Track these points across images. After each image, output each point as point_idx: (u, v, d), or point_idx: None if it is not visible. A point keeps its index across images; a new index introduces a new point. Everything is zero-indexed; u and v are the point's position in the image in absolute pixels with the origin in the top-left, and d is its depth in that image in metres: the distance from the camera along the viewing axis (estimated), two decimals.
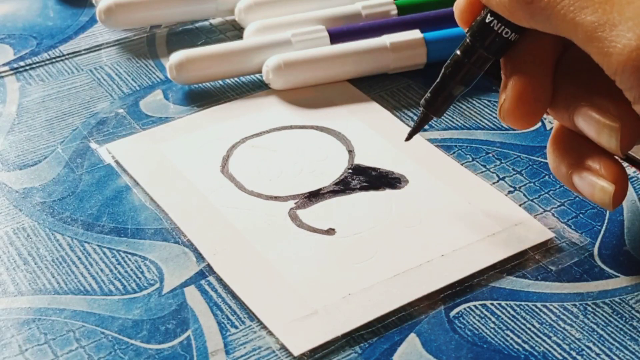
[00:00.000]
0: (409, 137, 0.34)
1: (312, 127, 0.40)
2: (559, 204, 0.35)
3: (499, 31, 0.30)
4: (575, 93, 0.30)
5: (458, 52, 0.32)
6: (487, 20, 0.30)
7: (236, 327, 0.30)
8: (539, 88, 0.30)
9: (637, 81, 0.26)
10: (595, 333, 0.30)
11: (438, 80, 0.32)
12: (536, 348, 0.29)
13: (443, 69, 0.32)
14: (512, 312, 0.31)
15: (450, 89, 0.32)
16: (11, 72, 0.44)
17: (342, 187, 0.36)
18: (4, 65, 0.45)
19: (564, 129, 0.31)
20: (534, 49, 0.30)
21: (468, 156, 0.38)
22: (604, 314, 0.30)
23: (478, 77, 0.32)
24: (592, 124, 0.29)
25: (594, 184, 0.30)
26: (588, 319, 0.30)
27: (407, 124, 0.40)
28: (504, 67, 0.31)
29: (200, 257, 0.33)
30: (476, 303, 0.31)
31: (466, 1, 0.31)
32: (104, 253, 0.33)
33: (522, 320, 0.30)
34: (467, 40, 0.31)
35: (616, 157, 0.30)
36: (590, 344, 0.29)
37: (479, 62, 0.31)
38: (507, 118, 0.31)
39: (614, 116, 0.29)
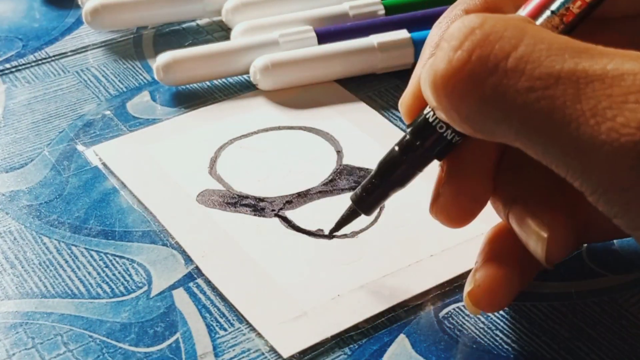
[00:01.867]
0: (332, 232, 0.32)
1: (300, 128, 0.39)
2: None
3: (443, 133, 0.27)
4: (512, 193, 0.28)
5: (396, 148, 0.29)
6: (430, 120, 0.27)
7: (225, 330, 0.30)
8: (478, 188, 0.28)
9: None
10: (585, 332, 0.30)
11: (371, 176, 0.29)
12: (525, 348, 0.29)
13: (377, 165, 0.29)
14: (501, 312, 0.31)
15: (384, 188, 0.29)
16: None
17: (331, 187, 0.36)
18: None
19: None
20: (476, 149, 0.28)
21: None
22: (593, 313, 0.30)
23: (415, 177, 0.29)
24: (522, 228, 0.27)
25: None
26: (577, 318, 0.30)
27: (395, 124, 0.40)
28: (442, 163, 0.28)
29: (188, 259, 0.33)
30: None
31: (411, 94, 0.28)
32: (92, 256, 0.33)
33: (512, 320, 0.30)
34: (407, 136, 0.28)
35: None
36: (580, 344, 0.29)
37: (418, 162, 0.28)
38: (439, 215, 0.29)
39: (544, 225, 0.27)
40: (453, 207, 0.28)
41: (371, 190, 0.30)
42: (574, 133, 0.22)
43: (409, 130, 0.28)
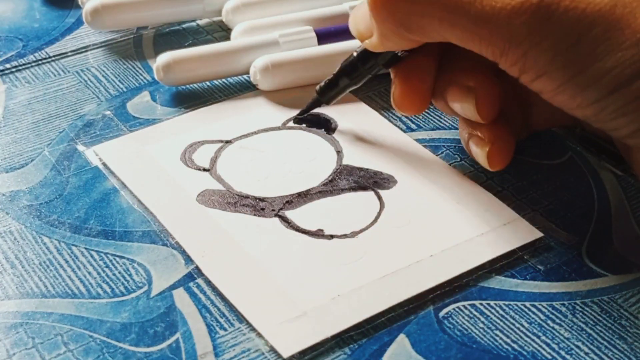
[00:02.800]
0: (298, 116, 0.40)
1: (300, 128, 0.39)
2: (547, 203, 0.35)
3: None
4: (445, 80, 0.35)
5: (354, 54, 0.37)
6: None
7: (225, 330, 0.30)
8: (422, 80, 0.35)
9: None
10: (584, 332, 0.30)
11: (334, 74, 0.38)
12: (525, 347, 0.29)
13: (340, 65, 0.37)
14: (501, 311, 0.31)
15: (342, 84, 0.38)
16: None
17: (331, 187, 0.36)
18: None
19: None
20: (418, 59, 0.35)
21: (456, 156, 0.38)
22: (593, 313, 0.30)
23: (366, 79, 0.37)
24: (455, 102, 0.35)
25: (477, 143, 0.35)
26: (577, 318, 0.30)
27: (395, 124, 0.40)
28: (392, 69, 0.36)
29: (188, 259, 0.33)
30: (465, 303, 0.31)
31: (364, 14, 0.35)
32: (92, 256, 0.33)
33: (511, 320, 0.30)
34: (364, 49, 0.36)
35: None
36: (579, 343, 0.29)
37: (371, 69, 0.37)
38: (398, 106, 0.36)
39: (470, 87, 0.34)
40: (407, 94, 0.35)
41: (332, 85, 0.38)
42: (479, 7, 0.30)
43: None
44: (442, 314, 0.31)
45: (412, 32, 0.32)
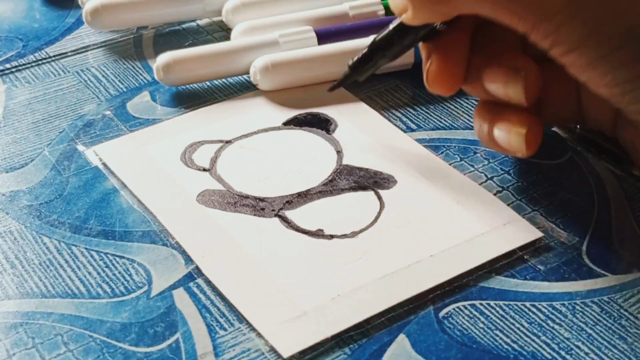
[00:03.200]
0: (333, 88, 0.38)
1: (300, 128, 0.39)
2: (547, 203, 0.35)
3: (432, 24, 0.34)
4: (482, 63, 0.34)
5: (391, 28, 0.35)
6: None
7: (225, 330, 0.30)
8: (458, 57, 0.34)
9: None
10: (584, 332, 0.30)
11: (368, 48, 0.36)
12: (525, 348, 0.29)
13: (374, 39, 0.35)
14: (501, 311, 0.31)
15: (376, 59, 0.36)
16: None
17: (331, 187, 0.36)
18: None
19: (485, 102, 0.35)
20: (452, 34, 0.34)
21: (456, 156, 0.38)
22: (593, 313, 0.30)
23: (402, 54, 0.36)
24: (497, 82, 0.33)
25: (508, 129, 0.33)
26: (577, 318, 0.30)
27: (395, 124, 0.40)
28: (424, 45, 0.35)
29: (188, 259, 0.33)
30: (465, 303, 0.31)
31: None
32: (92, 256, 0.33)
33: (511, 320, 0.30)
34: (402, 23, 0.34)
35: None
36: (579, 343, 0.29)
37: (408, 44, 0.35)
38: (433, 83, 0.34)
39: (517, 68, 0.32)
40: (440, 75, 0.34)
41: (366, 60, 0.36)
42: None
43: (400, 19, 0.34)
44: (442, 314, 0.31)
45: (441, 3, 0.32)
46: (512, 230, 0.33)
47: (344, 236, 0.33)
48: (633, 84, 0.29)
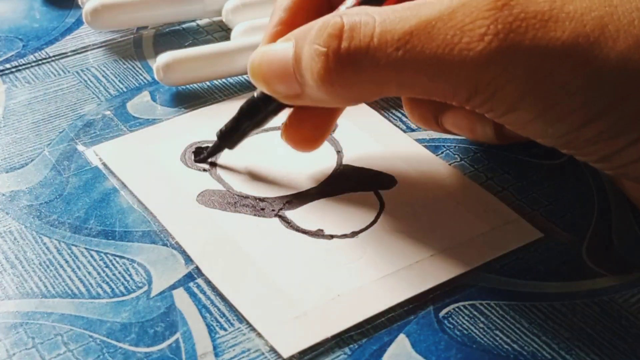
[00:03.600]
0: (201, 160, 0.37)
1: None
2: (547, 203, 0.35)
3: None
4: (435, 111, 0.34)
5: (255, 94, 0.34)
6: None
7: (225, 330, 0.30)
8: (322, 121, 0.35)
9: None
10: (584, 332, 0.30)
11: (233, 117, 0.35)
12: (525, 348, 0.29)
13: (240, 109, 0.35)
14: (501, 311, 0.31)
15: (244, 128, 0.35)
16: None
17: (331, 187, 0.36)
18: None
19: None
20: None
21: (456, 156, 0.38)
22: (593, 313, 0.30)
23: (271, 120, 0.35)
24: (463, 127, 0.34)
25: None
26: (577, 318, 0.30)
27: (395, 124, 0.40)
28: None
29: (188, 259, 0.33)
30: (465, 303, 0.31)
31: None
32: (92, 256, 0.33)
33: (511, 320, 0.30)
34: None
35: None
36: (580, 343, 0.29)
37: (274, 110, 0.34)
38: (288, 140, 0.35)
39: (484, 118, 0.31)
40: (299, 136, 0.35)
41: (234, 129, 0.36)
42: (438, 65, 0.28)
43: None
44: (442, 314, 0.31)
45: (361, 98, 0.32)
46: (512, 230, 0.33)
47: (344, 236, 0.33)
48: (573, 134, 0.29)
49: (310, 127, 0.35)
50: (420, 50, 0.28)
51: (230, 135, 0.36)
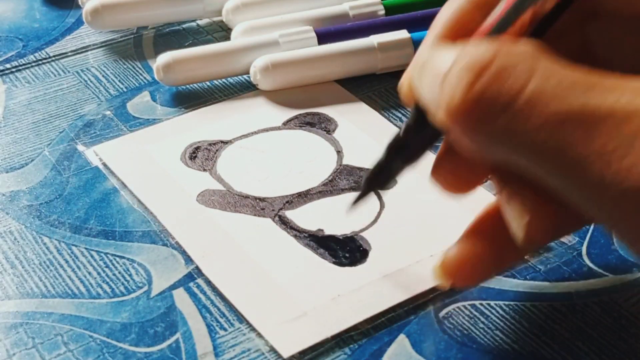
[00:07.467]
0: (349, 210, 0.31)
1: (300, 128, 0.39)
2: None
3: None
4: (507, 174, 0.27)
5: (401, 132, 0.29)
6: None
7: (225, 330, 0.30)
8: (479, 167, 0.28)
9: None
10: (584, 332, 0.30)
11: (381, 157, 0.29)
12: (525, 348, 0.29)
13: (386, 147, 0.29)
14: (501, 312, 0.31)
15: (395, 167, 0.29)
16: None
17: (331, 187, 0.36)
18: None
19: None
20: None
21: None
22: (593, 313, 0.30)
23: (423, 155, 0.29)
24: (510, 205, 0.27)
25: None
26: (577, 318, 0.30)
27: (395, 124, 0.40)
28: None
29: (188, 259, 0.33)
30: (465, 303, 0.31)
31: (409, 85, 0.28)
32: (92, 256, 0.33)
33: (511, 320, 0.30)
34: (411, 119, 0.28)
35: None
36: (580, 343, 0.29)
37: (423, 143, 0.29)
38: (439, 182, 0.29)
39: (527, 208, 0.26)
40: (452, 179, 0.29)
41: (382, 170, 0.30)
42: (582, 173, 0.22)
43: (413, 109, 0.28)
44: (442, 314, 0.31)
45: (485, 157, 0.26)
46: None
47: (344, 236, 0.33)
48: None
49: (465, 171, 0.29)
50: (569, 145, 0.22)
51: (380, 176, 0.30)
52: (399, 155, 0.29)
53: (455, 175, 0.29)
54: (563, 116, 0.22)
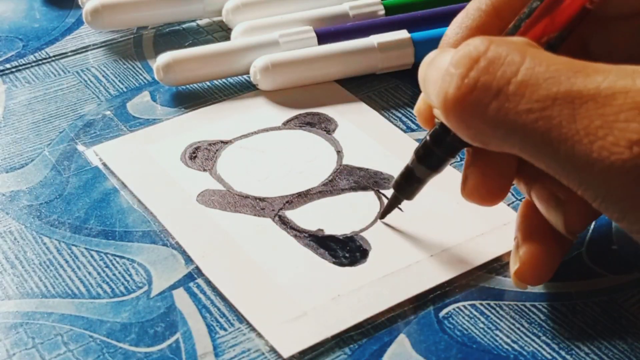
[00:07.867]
0: (381, 217, 0.34)
1: (300, 128, 0.39)
2: None
3: None
4: (533, 172, 0.28)
5: (428, 137, 0.30)
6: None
7: (225, 330, 0.30)
8: (503, 166, 0.30)
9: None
10: (584, 332, 0.30)
11: (408, 164, 0.31)
12: (525, 348, 0.29)
13: (414, 153, 0.31)
14: (501, 312, 0.31)
15: (420, 175, 0.31)
16: None
17: (331, 187, 0.36)
18: None
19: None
20: None
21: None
22: (593, 313, 0.30)
23: (449, 163, 0.31)
24: (542, 205, 0.29)
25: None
26: (577, 318, 0.30)
27: (395, 124, 0.40)
28: (468, 148, 0.30)
29: (188, 259, 0.33)
30: (465, 303, 0.31)
31: (426, 105, 0.30)
32: (92, 256, 0.33)
33: (512, 320, 0.30)
34: (437, 127, 0.30)
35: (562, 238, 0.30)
36: (580, 343, 0.29)
37: (449, 150, 0.30)
38: (470, 196, 0.30)
39: (559, 200, 0.29)
40: (482, 187, 0.30)
41: (409, 177, 0.32)
42: (570, 151, 0.24)
43: (438, 122, 0.30)
44: (442, 314, 0.31)
45: (485, 146, 0.27)
46: (512, 231, 0.33)
47: (344, 236, 0.33)
48: None
49: (493, 175, 0.30)
50: (557, 124, 0.24)
51: (407, 185, 0.32)
52: (424, 162, 0.31)
53: (483, 184, 0.30)
54: (551, 99, 0.24)
